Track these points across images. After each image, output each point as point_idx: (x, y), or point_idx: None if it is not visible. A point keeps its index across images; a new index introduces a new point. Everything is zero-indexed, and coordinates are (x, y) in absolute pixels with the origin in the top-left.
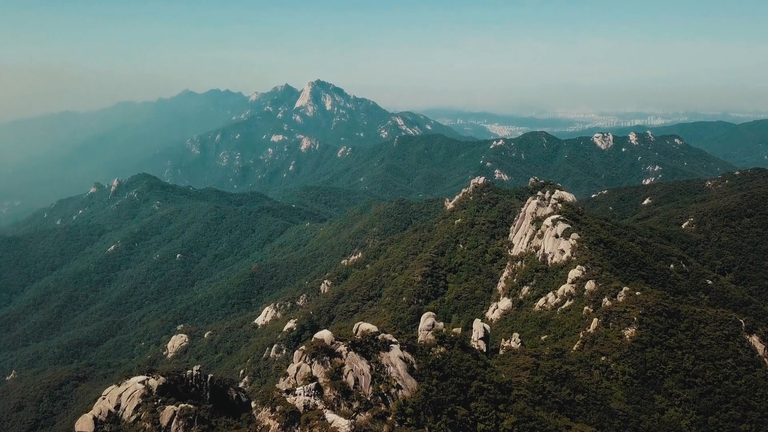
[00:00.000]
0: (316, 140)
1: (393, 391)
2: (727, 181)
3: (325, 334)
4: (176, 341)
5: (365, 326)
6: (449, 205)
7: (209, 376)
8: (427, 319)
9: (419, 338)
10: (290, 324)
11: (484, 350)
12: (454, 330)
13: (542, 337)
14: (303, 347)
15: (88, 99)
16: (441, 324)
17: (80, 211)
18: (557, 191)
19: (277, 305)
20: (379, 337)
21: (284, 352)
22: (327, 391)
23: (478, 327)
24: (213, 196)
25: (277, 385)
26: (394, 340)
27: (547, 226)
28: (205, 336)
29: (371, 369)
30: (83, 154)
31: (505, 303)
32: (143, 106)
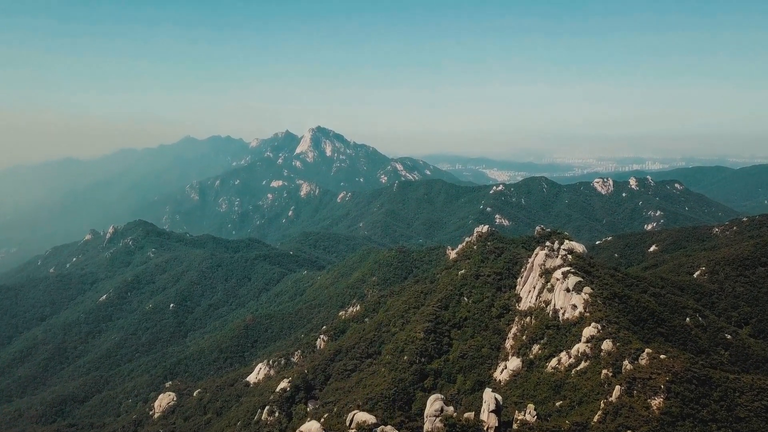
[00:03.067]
0: (316, 186)
1: None
2: (735, 228)
3: (313, 427)
4: (163, 400)
5: (361, 416)
6: (452, 255)
7: None
8: (434, 404)
9: (425, 427)
10: (284, 383)
11: (497, 425)
12: (466, 415)
13: (557, 403)
14: None
15: (90, 146)
16: (451, 408)
17: (74, 259)
18: (566, 241)
19: (271, 362)
20: (378, 429)
21: (277, 414)
22: None
23: (488, 398)
24: (209, 243)
25: None
26: None
27: (557, 279)
28: (195, 394)
29: None
30: (83, 200)
31: (514, 363)
32: (144, 152)
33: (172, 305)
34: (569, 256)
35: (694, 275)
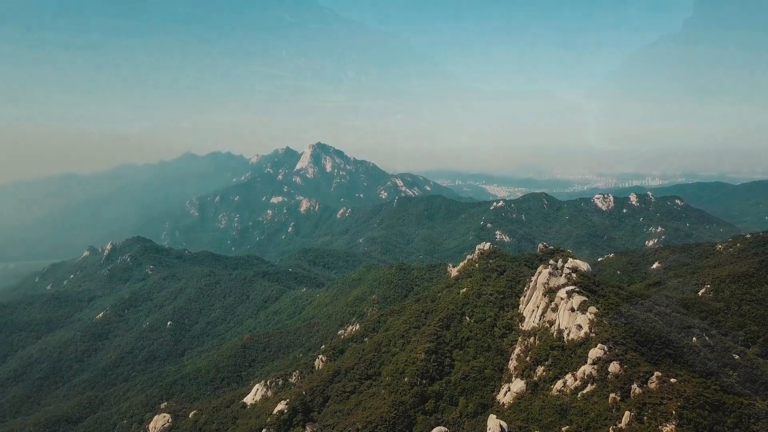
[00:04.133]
0: (316, 201)
1: None
2: (738, 245)
3: None
4: (158, 421)
5: None
6: (453, 272)
7: None
8: None
9: None
10: (281, 405)
11: None
12: None
13: (563, 429)
14: None
15: (90, 161)
16: None
17: (72, 276)
18: (570, 259)
19: (269, 382)
20: None
21: None
22: None
23: (493, 425)
24: (208, 260)
25: None
26: None
27: (562, 299)
28: (190, 416)
29: None
30: (82, 216)
31: (518, 385)
32: (144, 168)
33: (169, 323)
34: (573, 275)
35: (699, 293)
